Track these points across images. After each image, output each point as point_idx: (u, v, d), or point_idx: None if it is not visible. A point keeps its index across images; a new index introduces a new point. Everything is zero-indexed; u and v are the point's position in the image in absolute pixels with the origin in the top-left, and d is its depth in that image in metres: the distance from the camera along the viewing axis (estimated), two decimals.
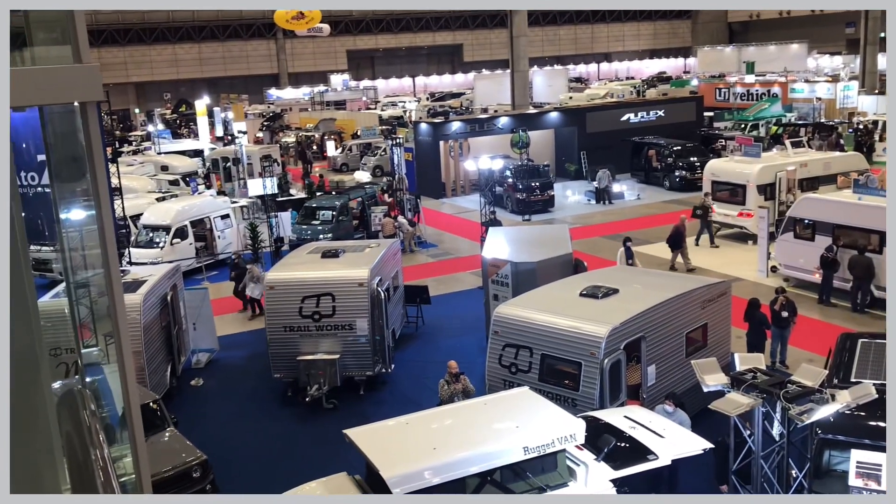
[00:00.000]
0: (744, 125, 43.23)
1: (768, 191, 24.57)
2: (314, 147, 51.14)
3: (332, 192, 31.98)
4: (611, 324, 11.93)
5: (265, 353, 16.11)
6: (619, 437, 10.54)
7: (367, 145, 45.37)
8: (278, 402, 15.78)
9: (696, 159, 33.85)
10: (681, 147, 35.17)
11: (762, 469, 9.80)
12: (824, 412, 9.18)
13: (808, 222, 19.81)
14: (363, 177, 37.99)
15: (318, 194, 31.74)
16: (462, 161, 35.07)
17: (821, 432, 9.69)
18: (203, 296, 18.51)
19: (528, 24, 43.54)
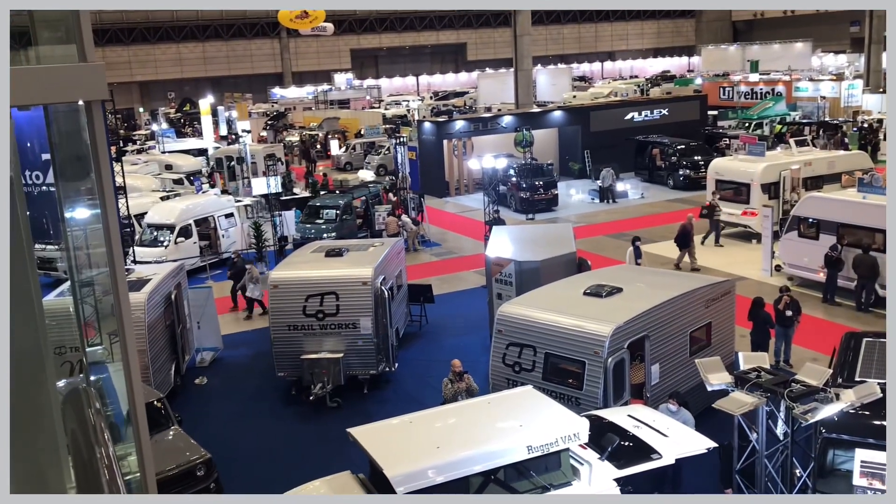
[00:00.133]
0: (748, 124, 43.16)
1: (772, 190, 24.52)
2: (318, 146, 51.16)
3: (336, 191, 31.98)
4: (614, 323, 11.92)
5: (269, 351, 16.12)
6: (623, 436, 10.53)
7: (371, 144, 45.37)
8: (282, 401, 15.79)
9: (699, 158, 33.79)
10: (685, 146, 35.10)
11: (766, 468, 9.79)
12: (828, 411, 9.17)
13: (812, 221, 19.78)
14: (367, 176, 37.98)
15: (321, 193, 31.75)
16: (466, 160, 35.08)
17: (825, 431, 9.66)
18: (207, 294, 18.54)
19: (531, 23, 43.53)
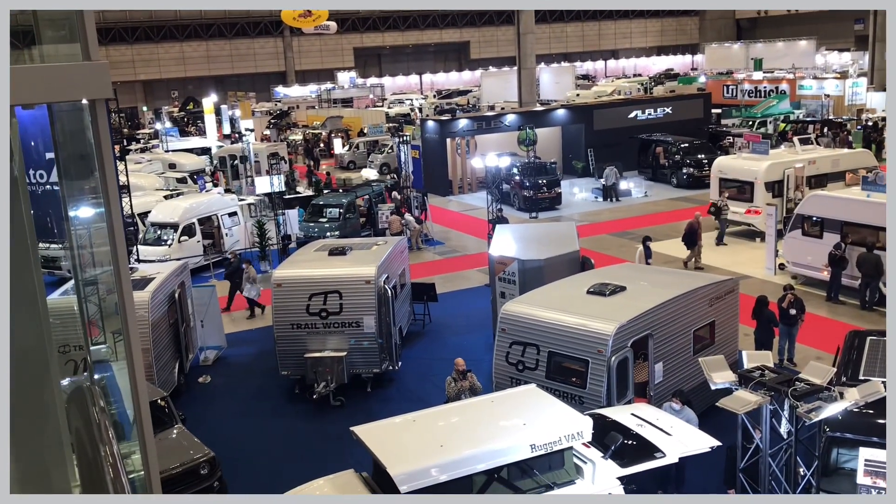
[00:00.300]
0: (752, 122, 43.09)
1: (776, 188, 24.49)
2: (321, 145, 51.17)
3: (340, 190, 31.99)
4: (618, 321, 11.91)
5: (272, 350, 16.13)
6: (627, 434, 10.52)
7: (374, 143, 45.38)
8: (285, 400, 15.81)
9: (703, 156, 33.75)
10: (688, 144, 35.06)
11: (770, 467, 9.77)
12: (832, 410, 9.15)
13: (816, 219, 19.74)
14: (370, 174, 37.99)
15: (325, 192, 31.76)
16: (469, 158, 35.07)
17: (829, 430, 9.65)
18: (210, 293, 18.55)
19: (535, 22, 43.51)
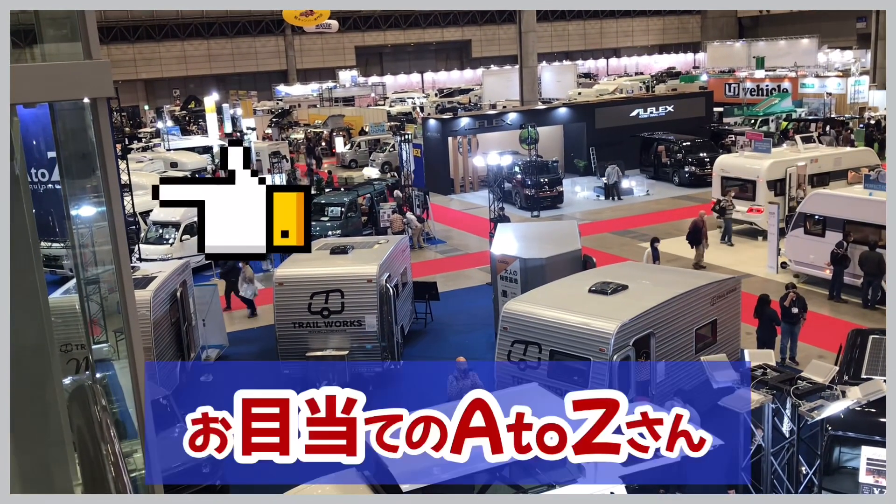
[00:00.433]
0: (754, 120, 43.05)
1: (778, 186, 24.45)
2: (323, 143, 51.16)
3: (341, 189, 31.98)
4: (620, 320, 11.89)
5: (274, 349, 16.14)
6: None
7: (376, 141, 45.35)
8: None
9: (705, 155, 33.69)
10: (690, 143, 35.01)
11: (772, 466, 9.77)
12: (834, 409, 9.15)
13: (818, 218, 19.71)
14: (372, 173, 37.98)
15: (326, 190, 31.74)
16: (471, 157, 35.05)
17: (831, 429, 9.64)
18: (212, 292, 18.53)
19: (536, 20, 43.48)
